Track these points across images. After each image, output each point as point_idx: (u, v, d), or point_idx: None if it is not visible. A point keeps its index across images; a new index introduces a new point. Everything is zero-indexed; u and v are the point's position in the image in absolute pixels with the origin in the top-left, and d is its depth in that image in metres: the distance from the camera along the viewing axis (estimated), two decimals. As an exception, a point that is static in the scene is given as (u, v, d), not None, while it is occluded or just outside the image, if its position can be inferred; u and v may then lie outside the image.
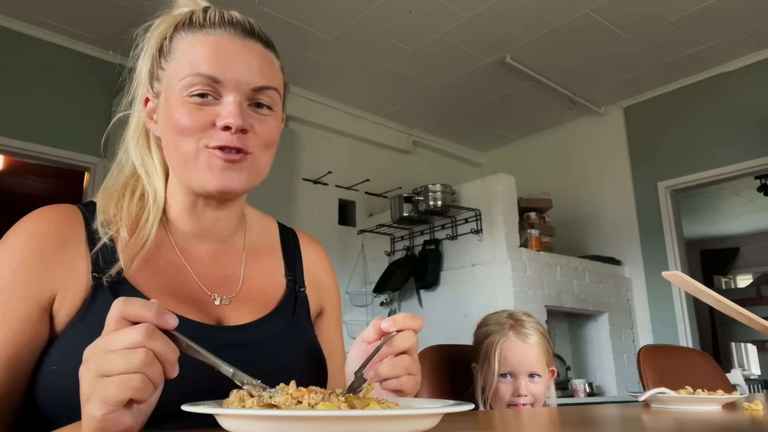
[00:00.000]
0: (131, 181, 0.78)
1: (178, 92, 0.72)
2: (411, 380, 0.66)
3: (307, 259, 0.91)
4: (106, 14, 3.19)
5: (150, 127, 0.78)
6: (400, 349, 0.66)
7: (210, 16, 0.74)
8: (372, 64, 3.82)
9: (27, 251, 0.68)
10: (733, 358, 7.58)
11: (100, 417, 0.48)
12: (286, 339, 0.77)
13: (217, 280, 0.78)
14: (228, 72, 0.71)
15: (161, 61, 0.75)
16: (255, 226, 0.88)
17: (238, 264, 0.82)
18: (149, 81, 0.77)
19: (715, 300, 0.78)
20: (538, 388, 1.29)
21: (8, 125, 3.16)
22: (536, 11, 3.25)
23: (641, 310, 4.02)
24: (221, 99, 0.72)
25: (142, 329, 0.48)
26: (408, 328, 0.66)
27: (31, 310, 0.66)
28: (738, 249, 7.82)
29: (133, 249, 0.72)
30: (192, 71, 0.71)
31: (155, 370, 0.49)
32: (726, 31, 3.47)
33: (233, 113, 0.70)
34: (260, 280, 0.82)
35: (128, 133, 0.80)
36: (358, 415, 0.43)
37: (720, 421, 0.75)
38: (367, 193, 4.38)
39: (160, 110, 0.75)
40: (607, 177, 4.37)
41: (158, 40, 0.77)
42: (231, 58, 0.72)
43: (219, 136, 0.71)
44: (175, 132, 0.72)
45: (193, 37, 0.74)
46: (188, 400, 0.52)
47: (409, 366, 0.66)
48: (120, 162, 0.80)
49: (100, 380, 0.48)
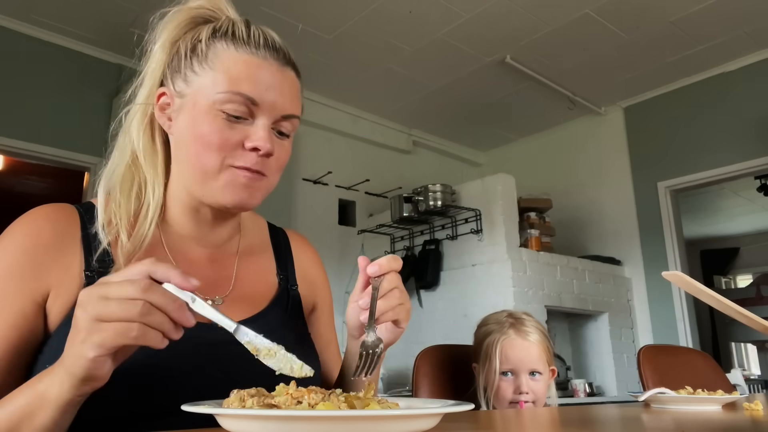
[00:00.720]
0: (130, 171, 0.77)
1: (210, 103, 0.71)
2: (403, 309, 0.71)
3: (297, 258, 0.92)
4: (106, 14, 3.19)
5: (161, 122, 0.77)
6: (388, 290, 0.70)
7: (254, 35, 0.74)
8: (372, 64, 3.82)
9: (22, 247, 0.69)
10: (733, 358, 7.58)
11: (91, 358, 0.51)
12: (279, 336, 0.77)
13: (210, 282, 0.79)
14: (267, 96, 0.72)
15: (194, 64, 0.74)
16: (249, 228, 0.89)
17: (231, 267, 0.83)
18: (170, 76, 0.75)
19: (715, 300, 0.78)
20: (540, 386, 1.30)
21: (8, 125, 3.16)
22: (536, 11, 3.25)
23: (641, 310, 4.02)
24: (252, 121, 0.72)
25: (141, 283, 0.51)
26: (392, 270, 0.71)
27: (26, 306, 0.66)
28: (738, 249, 7.82)
29: (131, 249, 0.72)
30: (232, 88, 0.71)
31: (155, 319, 0.51)
32: (726, 31, 3.47)
33: (264, 137, 0.72)
34: (252, 280, 0.84)
35: (134, 118, 0.78)
36: (358, 415, 0.43)
37: (720, 421, 0.75)
38: (367, 193, 4.38)
39: (181, 111, 0.74)
40: (607, 177, 4.37)
41: (179, 31, 0.76)
42: (271, 83, 0.73)
43: (246, 157, 0.72)
44: (201, 144, 0.71)
45: (236, 53, 0.73)
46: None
47: (399, 296, 0.71)
48: (120, 147, 0.78)
49: (98, 324, 0.50)
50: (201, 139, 0.71)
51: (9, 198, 5.76)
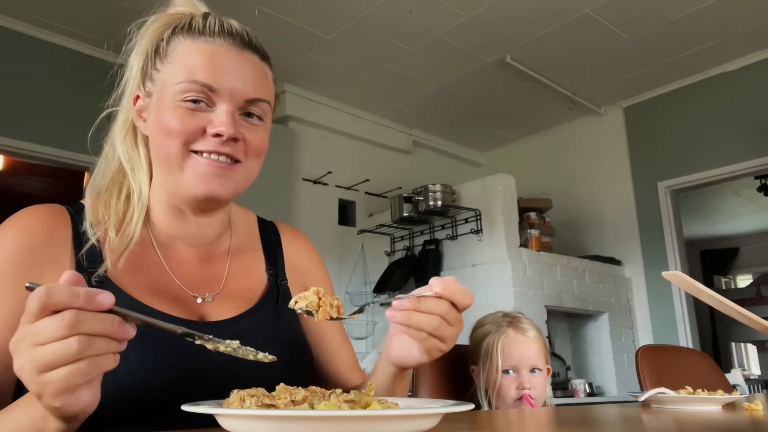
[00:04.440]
0: (118, 178, 0.79)
1: (171, 96, 0.72)
2: (419, 336, 0.64)
3: (287, 250, 0.91)
4: (106, 14, 3.19)
5: (138, 125, 0.78)
6: (427, 309, 0.64)
7: (210, 23, 0.75)
8: (372, 64, 3.82)
9: (15, 248, 0.69)
10: (733, 358, 7.57)
11: (59, 407, 0.47)
12: (267, 332, 0.78)
13: (200, 281, 0.79)
14: (224, 82, 0.72)
15: (156, 62, 0.75)
16: (239, 225, 0.89)
17: (222, 265, 0.83)
18: (141, 79, 0.77)
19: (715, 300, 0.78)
20: (540, 382, 1.31)
21: (8, 125, 3.16)
22: (536, 11, 3.25)
23: (641, 310, 4.02)
24: (214, 107, 0.72)
25: (65, 318, 0.45)
26: (451, 300, 0.64)
27: (21, 307, 0.64)
28: (738, 249, 7.82)
29: (119, 248, 0.72)
30: (188, 78, 0.72)
31: (98, 346, 0.46)
32: (726, 31, 3.47)
33: (225, 122, 0.71)
34: (243, 277, 0.83)
35: (116, 128, 0.80)
36: (358, 415, 0.43)
37: (720, 421, 0.75)
38: (367, 193, 4.38)
39: (150, 110, 0.75)
40: (607, 177, 4.37)
41: (153, 38, 0.77)
42: (227, 68, 0.73)
43: (208, 141, 0.72)
44: (163, 134, 0.72)
45: (191, 44, 0.74)
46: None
47: (437, 327, 0.64)
48: (107, 156, 0.80)
49: (43, 376, 0.46)
50: (163, 129, 0.72)
51: (9, 198, 5.76)
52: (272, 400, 0.50)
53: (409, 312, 0.64)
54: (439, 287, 0.64)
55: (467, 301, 0.65)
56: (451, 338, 0.66)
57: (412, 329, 0.64)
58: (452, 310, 0.64)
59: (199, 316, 0.75)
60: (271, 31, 3.29)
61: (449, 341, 0.66)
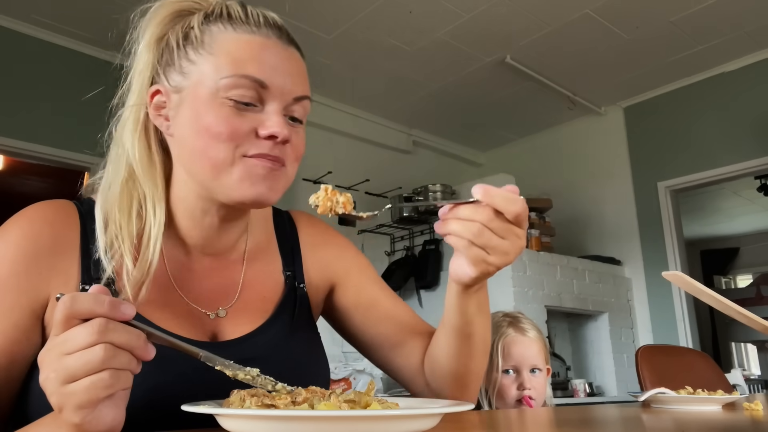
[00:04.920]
0: (128, 187, 0.70)
1: (214, 91, 0.65)
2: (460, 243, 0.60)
3: (304, 243, 0.85)
4: (106, 14, 3.18)
5: (157, 123, 0.70)
6: (465, 216, 0.59)
7: (252, 14, 0.69)
8: (372, 64, 3.82)
9: (20, 255, 0.64)
10: (733, 358, 7.57)
11: (79, 422, 0.46)
12: (284, 348, 0.74)
13: (213, 292, 0.74)
14: (275, 78, 0.67)
15: (189, 53, 0.67)
16: (255, 223, 0.82)
17: (238, 273, 0.78)
18: (163, 71, 0.69)
19: (715, 300, 0.78)
20: (540, 382, 1.32)
21: (8, 125, 3.16)
22: (536, 11, 3.25)
23: (641, 310, 4.02)
24: (263, 106, 0.67)
25: (94, 325, 0.45)
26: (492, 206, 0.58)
27: (24, 319, 0.63)
28: (738, 249, 7.82)
29: (139, 277, 0.65)
30: (236, 71, 0.65)
31: (122, 360, 0.46)
32: (726, 31, 3.47)
33: (280, 122, 0.66)
34: (259, 282, 0.79)
35: (124, 128, 0.71)
36: (358, 415, 0.43)
37: (720, 421, 0.75)
38: (367, 193, 4.37)
39: (181, 107, 0.67)
40: (607, 177, 4.37)
41: (165, 25, 0.70)
42: (276, 63, 0.67)
43: (260, 144, 0.66)
44: (208, 137, 0.65)
45: (234, 33, 0.67)
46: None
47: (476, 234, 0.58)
48: (116, 160, 0.71)
49: (66, 387, 0.45)
50: (207, 131, 0.65)
51: (9, 198, 5.75)
52: (272, 400, 0.50)
53: (448, 220, 0.60)
54: (480, 194, 0.58)
55: (513, 208, 0.58)
56: (500, 251, 0.59)
57: (453, 237, 0.60)
58: (496, 219, 0.58)
59: (212, 333, 0.71)
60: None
61: (498, 254, 0.60)
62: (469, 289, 0.68)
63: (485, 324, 0.75)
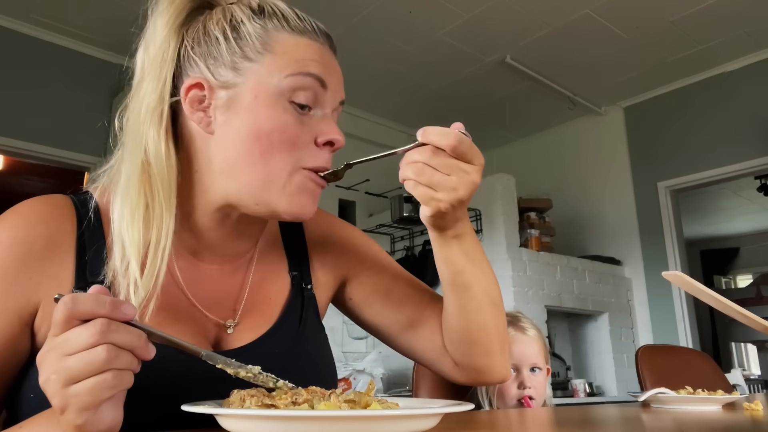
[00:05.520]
0: (142, 186, 0.63)
1: (278, 92, 0.63)
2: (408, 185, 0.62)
3: (310, 239, 0.83)
4: (106, 14, 3.19)
5: (193, 119, 0.64)
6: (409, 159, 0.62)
7: (306, 20, 0.70)
8: (372, 64, 3.82)
9: (10, 258, 0.61)
10: (733, 358, 7.57)
11: (81, 424, 0.45)
12: (290, 355, 0.72)
13: (219, 296, 0.72)
14: (332, 80, 0.68)
15: (242, 48, 0.64)
16: (265, 230, 0.79)
17: (247, 274, 0.75)
18: (204, 64, 0.64)
19: (715, 300, 0.78)
20: (540, 381, 1.31)
21: (8, 125, 3.16)
22: (536, 11, 3.25)
23: (641, 310, 4.02)
24: (317, 110, 0.66)
25: (96, 325, 0.44)
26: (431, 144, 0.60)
27: (12, 326, 0.60)
28: (738, 249, 7.82)
29: (145, 287, 0.60)
30: (301, 69, 0.64)
31: (124, 360, 0.46)
32: (726, 31, 3.47)
33: (337, 129, 0.67)
34: (265, 284, 0.76)
35: (140, 116, 0.64)
36: (358, 415, 0.43)
37: (720, 421, 0.75)
38: (367, 193, 4.37)
39: (232, 106, 0.63)
40: (607, 177, 4.37)
41: (180, 15, 0.66)
42: (333, 68, 0.69)
43: (318, 155, 0.65)
44: (268, 143, 0.62)
45: (293, 35, 0.67)
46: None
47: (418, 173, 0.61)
48: (132, 153, 0.64)
49: (69, 389, 0.44)
50: (268, 138, 0.62)
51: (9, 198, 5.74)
52: (272, 401, 0.50)
53: (401, 166, 0.63)
54: (419, 134, 0.61)
55: (447, 141, 0.59)
56: (446, 186, 0.60)
57: (408, 181, 0.62)
58: (435, 156, 0.60)
59: (215, 341, 0.69)
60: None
61: (445, 190, 0.60)
62: (444, 233, 0.68)
63: (482, 275, 0.75)
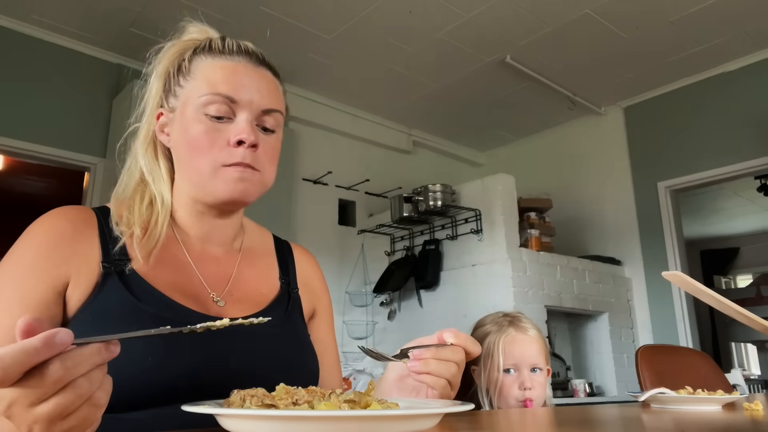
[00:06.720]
0: (140, 188, 0.84)
1: (196, 109, 0.79)
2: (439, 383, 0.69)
3: (299, 266, 0.97)
4: (106, 14, 3.19)
5: (161, 139, 0.85)
6: (446, 357, 0.69)
7: (228, 44, 0.82)
8: (372, 64, 3.82)
9: (45, 242, 0.73)
10: (733, 358, 7.57)
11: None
12: (280, 333, 0.82)
13: (216, 278, 0.84)
14: (243, 93, 0.79)
15: (180, 79, 0.82)
16: (252, 234, 0.95)
17: (234, 264, 0.88)
18: (164, 97, 0.84)
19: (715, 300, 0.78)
20: (541, 381, 1.32)
21: (8, 125, 3.16)
22: (536, 11, 3.25)
23: (641, 310, 4.02)
24: (234, 119, 0.79)
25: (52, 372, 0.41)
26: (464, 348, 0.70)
27: (48, 294, 0.70)
28: (738, 249, 7.82)
29: (148, 246, 0.77)
30: (211, 90, 0.78)
31: (93, 382, 0.44)
32: (726, 31, 3.47)
33: (246, 129, 0.78)
34: (255, 281, 0.88)
35: (137, 142, 0.86)
36: (358, 415, 0.43)
37: (720, 421, 0.75)
38: (367, 193, 4.38)
39: (174, 124, 0.82)
40: (607, 177, 4.37)
41: (172, 60, 0.83)
42: (245, 82, 0.80)
43: (234, 154, 0.77)
44: (191, 149, 0.78)
45: (212, 61, 0.81)
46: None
47: (454, 375, 0.70)
48: (129, 168, 0.86)
49: (60, 425, 0.43)
50: (192, 144, 0.78)
51: (9, 198, 5.76)
52: (273, 401, 0.50)
53: (428, 360, 0.68)
54: (452, 337, 0.69)
55: (477, 350, 0.71)
56: (457, 379, 0.71)
57: (432, 377, 0.68)
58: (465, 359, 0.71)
59: (216, 314, 0.79)
60: (272, 31, 3.29)
61: (456, 388, 0.71)
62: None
63: None
